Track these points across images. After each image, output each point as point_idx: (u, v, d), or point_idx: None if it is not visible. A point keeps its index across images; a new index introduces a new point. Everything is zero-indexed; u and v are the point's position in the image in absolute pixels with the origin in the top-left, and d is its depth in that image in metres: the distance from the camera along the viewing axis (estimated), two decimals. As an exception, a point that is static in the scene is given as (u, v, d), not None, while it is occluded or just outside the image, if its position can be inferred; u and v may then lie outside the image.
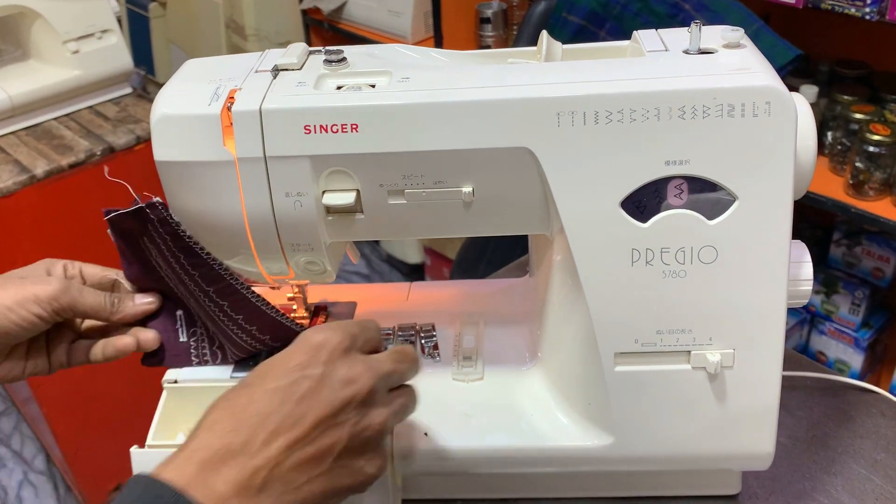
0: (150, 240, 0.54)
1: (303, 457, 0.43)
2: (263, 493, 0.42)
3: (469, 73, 0.53)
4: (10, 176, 1.31)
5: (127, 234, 0.54)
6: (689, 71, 0.50)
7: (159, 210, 0.52)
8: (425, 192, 0.52)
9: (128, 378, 1.49)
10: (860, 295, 1.58)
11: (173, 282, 0.56)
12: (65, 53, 1.47)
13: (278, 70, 0.54)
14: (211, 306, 0.56)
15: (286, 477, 0.43)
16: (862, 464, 0.64)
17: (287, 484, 0.43)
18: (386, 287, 0.73)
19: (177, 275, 0.55)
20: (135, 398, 0.56)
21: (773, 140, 0.49)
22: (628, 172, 0.50)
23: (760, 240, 0.51)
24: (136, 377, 0.62)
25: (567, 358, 0.57)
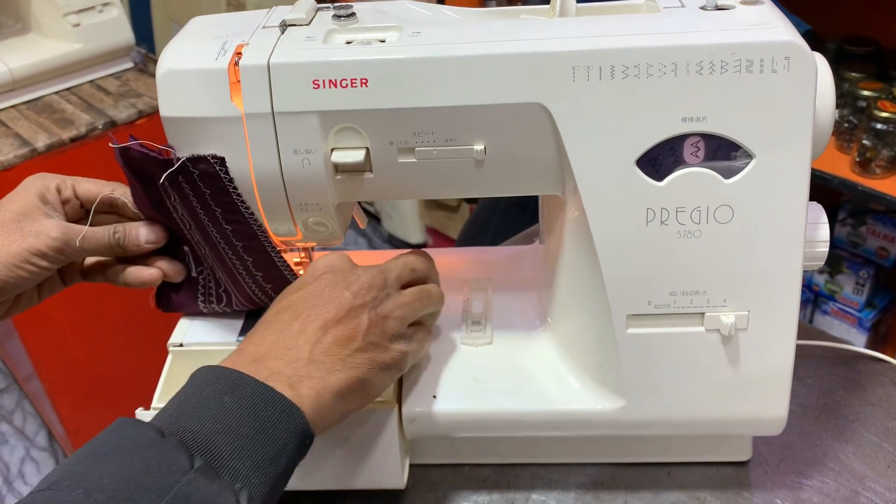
0: (174, 186, 0.52)
1: (336, 334, 0.49)
2: (312, 364, 0.47)
3: (481, 27, 0.52)
4: (10, 149, 1.30)
5: (143, 174, 0.53)
6: (707, 26, 0.49)
7: (210, 164, 0.51)
8: (436, 149, 0.51)
9: (129, 355, 1.49)
10: (864, 275, 1.57)
11: (190, 226, 0.55)
12: (65, 26, 1.46)
13: (286, 25, 0.53)
14: (232, 258, 0.56)
15: (329, 349, 0.48)
16: (873, 431, 0.64)
17: (332, 355, 0.48)
18: (394, 254, 0.72)
19: (200, 222, 0.54)
20: (137, 373, 0.55)
21: (793, 97, 0.48)
22: (644, 129, 0.49)
23: (777, 199, 0.50)
24: (139, 353, 0.61)
25: (578, 321, 0.57)
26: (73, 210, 0.57)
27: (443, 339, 0.61)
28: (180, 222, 0.55)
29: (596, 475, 0.61)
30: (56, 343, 1.45)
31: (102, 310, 1.48)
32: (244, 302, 0.59)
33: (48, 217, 0.54)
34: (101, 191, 0.57)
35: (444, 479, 0.61)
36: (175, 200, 0.53)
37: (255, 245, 0.55)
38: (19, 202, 0.54)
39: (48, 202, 0.55)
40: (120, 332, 1.51)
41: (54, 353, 1.45)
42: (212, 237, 0.55)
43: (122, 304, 1.50)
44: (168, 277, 0.58)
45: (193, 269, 0.59)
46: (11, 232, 0.52)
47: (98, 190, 0.57)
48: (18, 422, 1.87)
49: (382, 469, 0.57)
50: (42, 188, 0.55)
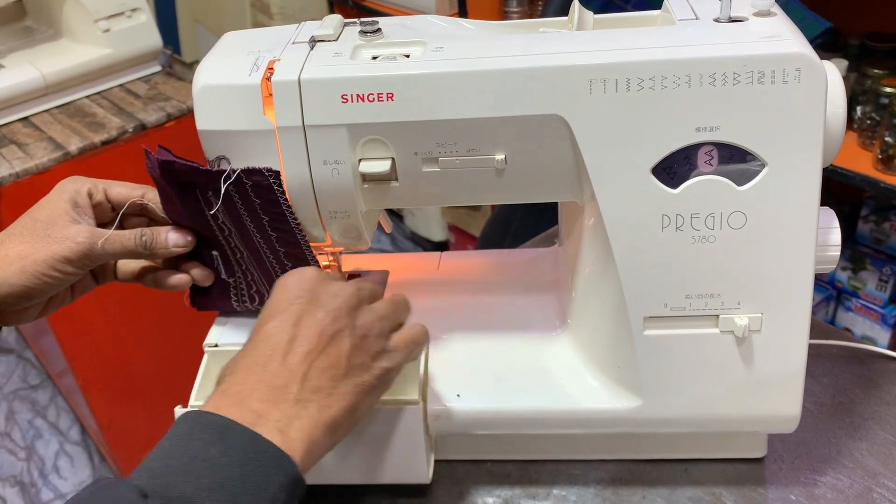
0: (222, 196, 0.54)
1: (321, 366, 0.47)
2: (300, 403, 0.46)
3: (502, 42, 0.54)
4: (44, 153, 1.34)
5: (185, 185, 0.55)
6: (720, 38, 0.51)
7: (264, 176, 0.53)
8: (459, 159, 0.53)
9: (161, 351, 1.53)
10: (888, 271, 1.57)
11: (229, 232, 0.58)
12: (96, 32, 1.50)
13: (315, 41, 0.55)
14: (272, 261, 0.58)
15: (317, 386, 0.47)
16: (888, 429, 0.65)
17: (319, 391, 0.47)
18: (417, 256, 0.75)
19: (244, 230, 0.57)
20: (168, 370, 0.58)
21: (803, 107, 0.50)
22: (659, 139, 0.51)
23: (789, 206, 0.52)
24: (170, 349, 0.64)
25: (597, 323, 0.59)
26: (104, 213, 0.58)
27: (466, 339, 0.64)
28: (218, 229, 0.58)
29: (615, 471, 0.63)
30: (90, 340, 1.49)
31: (135, 307, 1.52)
32: None
33: (75, 222, 0.55)
34: (132, 195, 0.58)
35: (467, 474, 0.64)
36: (219, 209, 0.56)
37: (297, 252, 0.58)
38: (49, 208, 0.55)
39: (79, 206, 0.56)
40: (152, 329, 1.55)
41: (88, 350, 1.50)
42: (254, 242, 0.57)
43: (155, 302, 1.53)
44: (197, 282, 0.60)
45: (223, 272, 0.62)
46: (39, 238, 0.54)
47: (129, 194, 0.58)
48: (52, 417, 1.92)
49: (409, 464, 0.59)
50: (74, 192, 0.56)
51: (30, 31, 1.62)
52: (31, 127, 1.43)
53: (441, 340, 0.64)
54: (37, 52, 1.53)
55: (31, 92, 1.45)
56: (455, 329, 0.64)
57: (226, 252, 0.60)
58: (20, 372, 2.05)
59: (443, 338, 0.64)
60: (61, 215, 0.55)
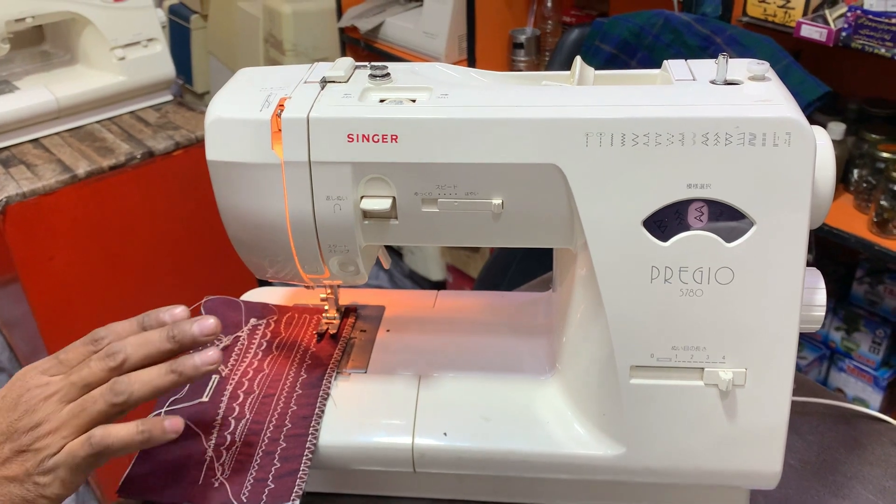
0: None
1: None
2: None
3: (504, 92, 0.56)
4: (52, 174, 1.36)
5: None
6: (715, 100, 0.53)
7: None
8: (457, 202, 0.55)
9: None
10: (881, 333, 1.58)
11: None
12: (111, 59, 1.53)
13: (326, 82, 0.57)
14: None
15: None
16: (870, 489, 0.66)
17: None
18: (413, 294, 0.76)
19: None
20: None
21: (792, 170, 0.51)
22: (651, 193, 0.52)
23: (776, 264, 0.53)
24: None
25: (585, 369, 0.60)
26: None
27: (456, 377, 0.65)
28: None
29: (597, 518, 0.63)
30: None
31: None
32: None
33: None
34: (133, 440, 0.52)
35: (451, 513, 0.64)
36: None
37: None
38: None
39: None
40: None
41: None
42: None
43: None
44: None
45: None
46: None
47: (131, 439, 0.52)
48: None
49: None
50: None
51: (47, 56, 1.66)
52: (41, 148, 1.46)
53: (431, 378, 0.65)
54: (52, 76, 1.56)
55: (44, 114, 1.47)
56: (446, 367, 0.66)
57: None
58: (11, 390, 2.04)
59: (433, 375, 0.65)
60: None
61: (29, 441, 0.50)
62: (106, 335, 0.53)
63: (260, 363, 0.66)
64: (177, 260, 1.57)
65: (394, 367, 0.66)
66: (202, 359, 0.52)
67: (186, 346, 0.53)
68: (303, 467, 0.58)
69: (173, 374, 0.52)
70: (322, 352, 0.67)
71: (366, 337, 0.70)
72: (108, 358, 0.51)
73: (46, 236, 1.37)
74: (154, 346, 0.52)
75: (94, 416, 0.51)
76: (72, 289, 1.43)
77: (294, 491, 0.57)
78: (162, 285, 1.55)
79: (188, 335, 0.52)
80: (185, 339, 0.52)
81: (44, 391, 0.51)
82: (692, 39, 1.22)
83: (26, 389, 0.51)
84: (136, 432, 0.51)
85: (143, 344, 0.52)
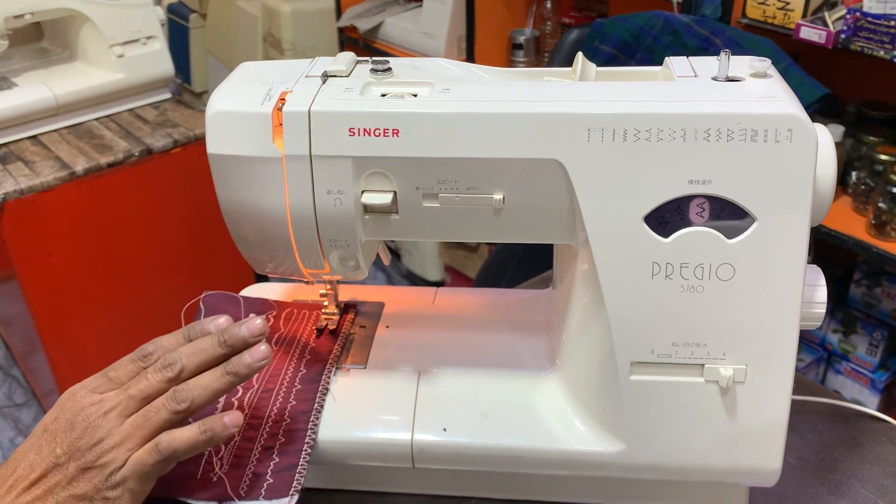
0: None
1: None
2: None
3: (506, 87, 0.56)
4: (51, 171, 1.36)
5: None
6: (716, 96, 0.53)
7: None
8: (458, 196, 0.55)
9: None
10: (878, 336, 1.58)
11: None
12: (110, 57, 1.53)
13: (327, 76, 0.57)
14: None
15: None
16: (869, 488, 0.66)
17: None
18: (413, 290, 0.76)
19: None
20: None
21: (794, 166, 0.51)
22: (653, 189, 0.52)
23: (777, 261, 0.53)
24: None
25: (585, 365, 0.59)
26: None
27: (455, 373, 0.64)
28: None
29: (596, 515, 0.63)
30: (81, 363, 1.49)
31: (128, 333, 1.52)
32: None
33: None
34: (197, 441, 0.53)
35: (449, 510, 0.64)
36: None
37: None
38: None
39: None
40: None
41: (78, 373, 1.49)
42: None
43: (148, 326, 1.54)
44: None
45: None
46: None
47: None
48: (35, 436, 1.90)
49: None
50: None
51: (45, 53, 1.66)
52: (40, 145, 1.46)
53: (431, 374, 0.64)
54: (51, 73, 1.56)
55: (43, 111, 1.47)
56: (445, 363, 0.65)
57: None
58: (6, 390, 2.03)
59: (433, 371, 0.65)
60: None
61: (93, 457, 0.50)
62: (153, 350, 0.55)
63: None
64: (174, 257, 1.56)
65: (393, 362, 0.66)
66: (253, 356, 0.54)
67: (238, 349, 0.54)
68: (301, 462, 0.58)
69: (229, 375, 0.53)
70: (321, 347, 0.67)
71: (365, 333, 0.69)
72: (166, 369, 0.53)
73: (44, 233, 1.37)
74: (208, 353, 0.54)
75: (158, 426, 0.52)
76: (69, 286, 1.43)
77: (293, 486, 0.57)
78: (159, 283, 1.55)
79: (238, 338, 0.54)
80: (237, 342, 0.54)
81: (100, 407, 0.52)
82: (691, 41, 1.22)
83: (80, 408, 0.52)
84: (200, 432, 0.52)
85: (197, 352, 0.54)
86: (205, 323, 0.56)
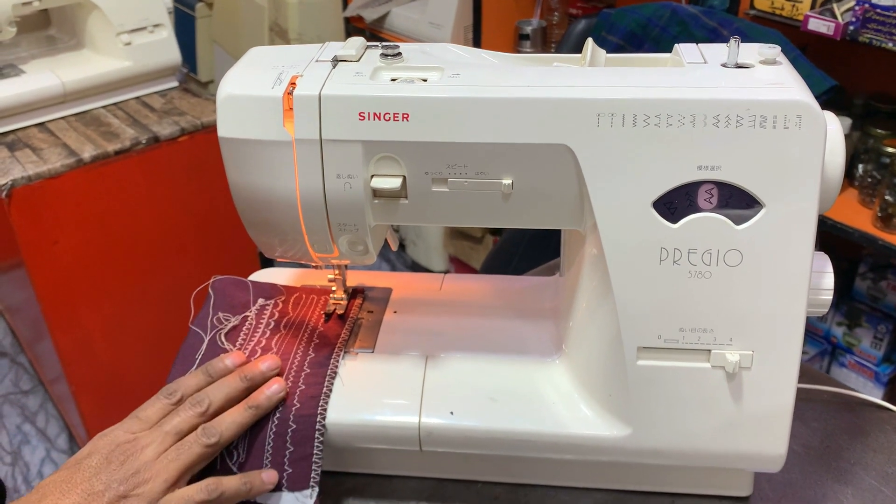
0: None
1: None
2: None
3: (516, 72, 0.56)
4: (58, 158, 1.37)
5: None
6: (726, 82, 0.53)
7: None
8: (467, 181, 0.55)
9: (156, 363, 1.53)
10: (883, 329, 1.58)
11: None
12: (117, 45, 1.53)
13: (338, 60, 0.57)
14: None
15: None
16: (873, 475, 0.66)
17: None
18: (420, 276, 0.76)
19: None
20: (161, 382, 0.60)
21: (802, 153, 0.51)
22: (661, 174, 0.53)
23: (784, 247, 0.53)
24: (166, 364, 0.65)
25: (592, 350, 0.60)
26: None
27: (463, 358, 0.65)
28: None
29: (603, 500, 0.64)
30: (87, 349, 1.50)
31: (135, 320, 1.53)
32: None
33: None
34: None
35: (457, 493, 0.64)
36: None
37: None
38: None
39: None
40: (150, 343, 1.56)
41: (84, 359, 1.50)
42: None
43: (154, 314, 1.54)
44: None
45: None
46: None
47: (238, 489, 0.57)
48: (41, 423, 1.91)
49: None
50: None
51: (53, 41, 1.66)
52: (47, 132, 1.46)
53: (438, 359, 0.65)
54: (58, 60, 1.56)
55: (50, 98, 1.47)
56: (452, 348, 0.66)
57: None
58: (12, 376, 2.05)
59: (440, 356, 0.65)
60: None
61: (131, 487, 0.53)
62: (178, 388, 0.59)
63: (268, 342, 0.66)
64: (181, 245, 1.57)
65: (401, 347, 0.66)
66: (271, 391, 0.61)
67: (257, 381, 0.61)
68: (315, 451, 0.59)
69: (251, 409, 0.59)
70: (330, 331, 0.67)
71: (373, 318, 0.70)
72: (196, 406, 0.58)
73: (51, 220, 1.37)
74: (231, 388, 0.60)
75: (192, 459, 0.56)
76: (76, 273, 1.43)
77: (311, 477, 0.58)
78: (166, 270, 1.55)
79: (258, 373, 0.61)
80: (256, 377, 0.61)
81: (136, 444, 0.55)
82: (699, 31, 1.22)
83: (116, 445, 0.55)
84: (241, 483, 0.57)
85: (223, 388, 0.59)
86: (220, 362, 0.62)
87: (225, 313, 0.68)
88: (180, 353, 0.65)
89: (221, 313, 0.68)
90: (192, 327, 0.67)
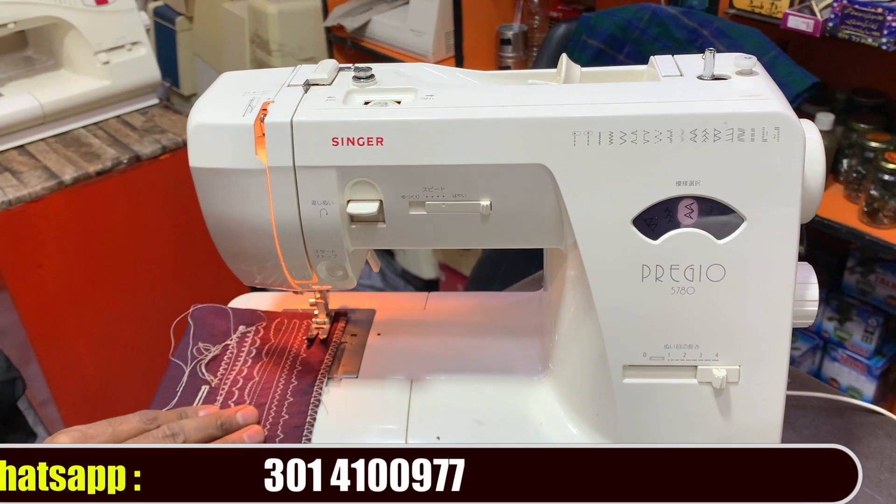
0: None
1: None
2: None
3: (490, 92, 0.55)
4: (38, 181, 1.35)
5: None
6: (702, 96, 0.52)
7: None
8: (445, 204, 0.54)
9: (147, 386, 1.52)
10: (874, 323, 1.58)
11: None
12: (95, 64, 1.52)
13: (309, 85, 0.56)
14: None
15: None
16: (866, 482, 0.65)
17: None
18: (404, 296, 0.76)
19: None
20: (150, 401, 0.59)
21: (782, 164, 0.51)
22: (640, 191, 0.52)
23: (767, 260, 0.53)
24: (155, 386, 0.64)
25: (577, 369, 0.59)
26: None
27: (448, 380, 0.64)
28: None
29: (593, 518, 0.63)
30: (75, 372, 1.48)
31: (123, 343, 1.52)
32: None
33: None
34: None
35: (446, 517, 0.64)
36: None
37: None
38: None
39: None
40: (137, 361, 1.54)
41: (72, 382, 1.49)
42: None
43: (141, 335, 1.53)
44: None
45: None
46: None
47: None
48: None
49: None
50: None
51: (30, 61, 1.64)
52: (27, 155, 1.44)
53: (424, 381, 0.64)
54: (36, 81, 1.54)
55: (29, 121, 1.46)
56: (438, 370, 0.65)
57: None
58: (2, 399, 2.03)
59: (426, 378, 0.64)
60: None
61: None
62: (157, 416, 0.59)
63: (250, 371, 0.65)
64: (166, 265, 1.56)
65: (385, 371, 0.66)
66: (248, 435, 0.60)
67: (232, 431, 0.60)
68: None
69: (222, 428, 0.59)
70: (312, 358, 0.67)
71: (357, 341, 0.69)
72: (170, 435, 0.57)
73: (34, 244, 1.36)
74: (206, 432, 0.59)
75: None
76: (61, 296, 1.42)
77: None
78: (151, 290, 1.54)
79: (234, 423, 0.61)
80: (232, 426, 0.60)
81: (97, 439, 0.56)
82: (679, 32, 1.22)
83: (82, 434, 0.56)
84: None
85: (200, 428, 0.59)
86: (196, 411, 0.61)
87: (205, 343, 0.67)
88: (161, 386, 0.64)
89: (202, 343, 0.67)
90: (173, 359, 0.66)
